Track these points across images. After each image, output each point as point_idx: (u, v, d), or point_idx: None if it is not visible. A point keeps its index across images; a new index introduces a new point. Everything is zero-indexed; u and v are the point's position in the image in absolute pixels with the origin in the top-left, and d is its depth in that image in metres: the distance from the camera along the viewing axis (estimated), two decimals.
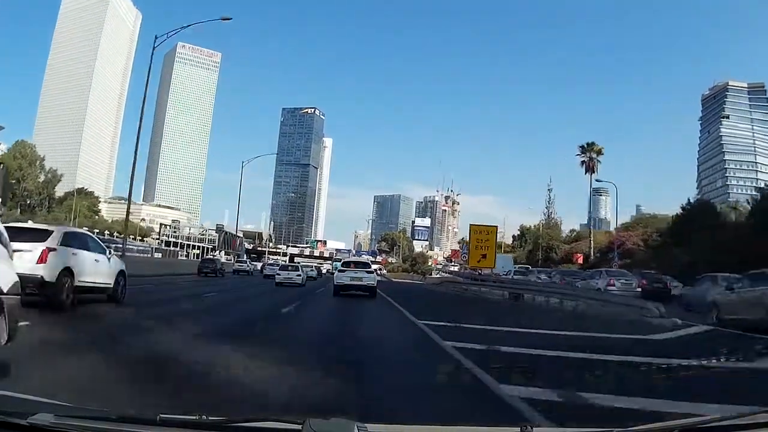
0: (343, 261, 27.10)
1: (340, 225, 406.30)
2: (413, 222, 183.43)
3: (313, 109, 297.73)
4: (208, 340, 7.96)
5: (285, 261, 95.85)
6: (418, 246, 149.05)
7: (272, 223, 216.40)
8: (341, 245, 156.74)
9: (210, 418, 1.74)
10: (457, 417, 4.07)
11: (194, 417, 1.74)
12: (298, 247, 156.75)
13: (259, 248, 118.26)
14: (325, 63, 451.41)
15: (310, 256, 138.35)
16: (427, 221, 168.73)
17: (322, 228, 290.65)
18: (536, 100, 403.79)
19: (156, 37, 30.00)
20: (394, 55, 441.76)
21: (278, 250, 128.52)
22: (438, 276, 68.40)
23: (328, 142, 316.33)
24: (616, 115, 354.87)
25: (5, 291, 4.29)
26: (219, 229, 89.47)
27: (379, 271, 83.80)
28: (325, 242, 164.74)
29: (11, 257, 4.98)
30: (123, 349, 6.88)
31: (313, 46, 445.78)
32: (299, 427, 1.59)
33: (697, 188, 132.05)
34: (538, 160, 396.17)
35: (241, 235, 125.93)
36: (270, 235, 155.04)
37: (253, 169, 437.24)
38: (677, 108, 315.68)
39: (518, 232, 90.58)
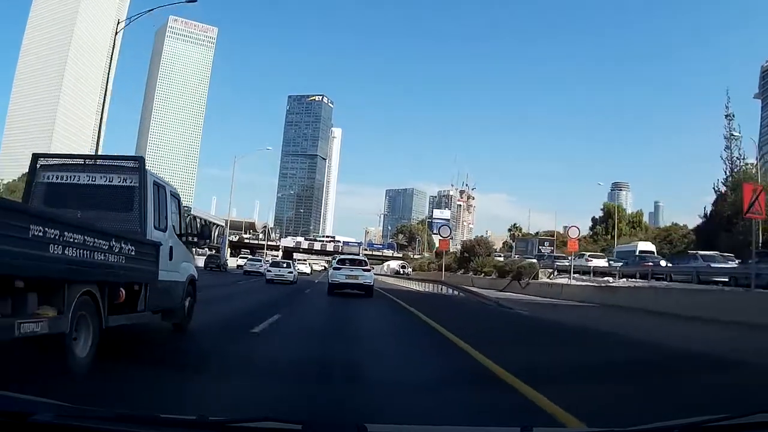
0: (338, 259, 26.71)
1: (349, 222, 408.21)
2: (431, 215, 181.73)
3: (320, 97, 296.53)
4: None
5: (277, 256, 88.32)
6: (437, 240, 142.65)
7: (272, 214, 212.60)
8: (351, 240, 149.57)
9: (210, 418, 1.83)
10: None
11: (194, 417, 1.83)
12: (296, 239, 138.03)
13: (246, 240, 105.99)
14: (334, 53, 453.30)
15: (309, 251, 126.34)
16: (446, 213, 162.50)
17: (331, 224, 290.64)
18: (550, 97, 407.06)
19: None
20: (404, 48, 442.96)
21: (268, 244, 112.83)
22: (573, 283, 30.41)
23: (336, 132, 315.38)
24: (633, 111, 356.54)
25: (196, 277, 9.64)
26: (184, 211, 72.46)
27: (403, 270, 72.81)
28: (333, 237, 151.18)
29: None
30: None
31: (322, 33, 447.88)
32: (299, 427, 1.69)
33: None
34: (552, 158, 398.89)
35: (223, 224, 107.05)
36: (269, 228, 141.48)
37: (258, 164, 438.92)
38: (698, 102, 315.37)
39: (601, 213, 75.13)
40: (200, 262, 47.68)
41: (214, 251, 76.81)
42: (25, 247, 4.43)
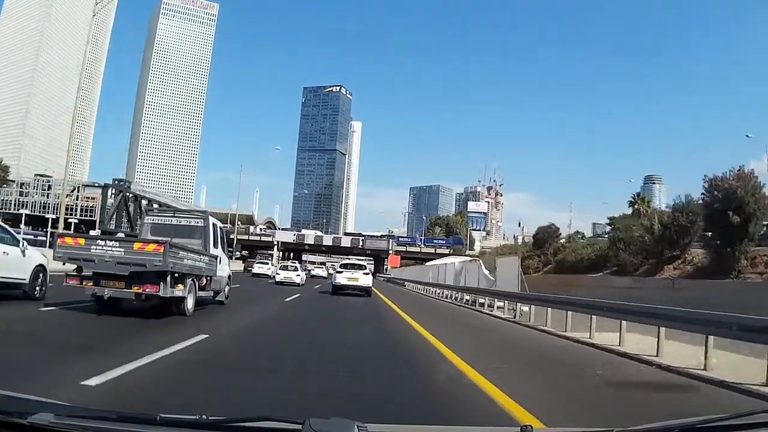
0: (341, 263, 30.52)
1: (372, 225, 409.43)
2: (458, 211, 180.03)
3: (338, 88, 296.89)
4: None
5: (273, 256, 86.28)
6: (475, 236, 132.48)
7: (278, 209, 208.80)
8: (377, 234, 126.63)
9: (210, 417, 1.94)
10: None
11: (194, 417, 1.94)
12: (301, 233, 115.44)
13: (232, 236, 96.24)
14: (350, 41, 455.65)
15: (317, 249, 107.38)
16: (482, 206, 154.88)
17: (353, 224, 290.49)
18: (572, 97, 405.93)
19: None
20: (415, 44, 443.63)
21: (262, 240, 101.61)
22: None
23: (356, 125, 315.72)
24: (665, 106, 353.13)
25: (231, 275, 16.54)
26: (116, 186, 57.63)
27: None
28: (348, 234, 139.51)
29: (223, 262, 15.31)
30: None
31: (336, 19, 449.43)
32: (299, 426, 1.79)
33: None
34: (568, 155, 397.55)
35: (183, 208, 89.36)
36: (273, 223, 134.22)
37: (268, 162, 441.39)
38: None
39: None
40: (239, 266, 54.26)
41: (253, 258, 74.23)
42: (178, 260, 11.16)
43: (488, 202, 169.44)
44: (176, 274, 11.00)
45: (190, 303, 11.82)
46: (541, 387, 7.09)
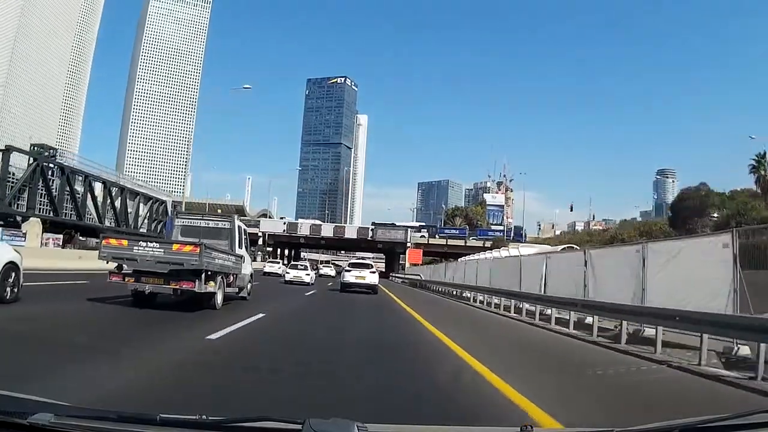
0: (349, 263, 33.92)
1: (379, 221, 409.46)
2: (482, 202, 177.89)
3: (343, 79, 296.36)
4: None
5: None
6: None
7: (275, 200, 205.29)
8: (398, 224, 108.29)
9: (210, 417, 1.99)
10: None
11: (194, 417, 2.00)
12: (294, 222, 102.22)
13: None
14: (356, 33, 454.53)
15: (315, 242, 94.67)
16: (500, 198, 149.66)
17: (359, 220, 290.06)
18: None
19: None
20: (421, 40, 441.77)
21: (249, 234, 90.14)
22: None
23: (362, 119, 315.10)
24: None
25: (252, 273, 18.85)
26: (32, 153, 49.19)
27: None
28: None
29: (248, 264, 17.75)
30: None
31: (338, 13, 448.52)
32: (299, 426, 1.84)
33: None
34: (579, 154, 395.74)
35: (141, 190, 69.28)
36: (271, 214, 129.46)
37: (273, 161, 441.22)
38: None
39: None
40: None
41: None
42: (211, 259, 12.64)
43: (503, 196, 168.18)
44: (209, 272, 12.47)
45: (219, 298, 13.34)
46: None
